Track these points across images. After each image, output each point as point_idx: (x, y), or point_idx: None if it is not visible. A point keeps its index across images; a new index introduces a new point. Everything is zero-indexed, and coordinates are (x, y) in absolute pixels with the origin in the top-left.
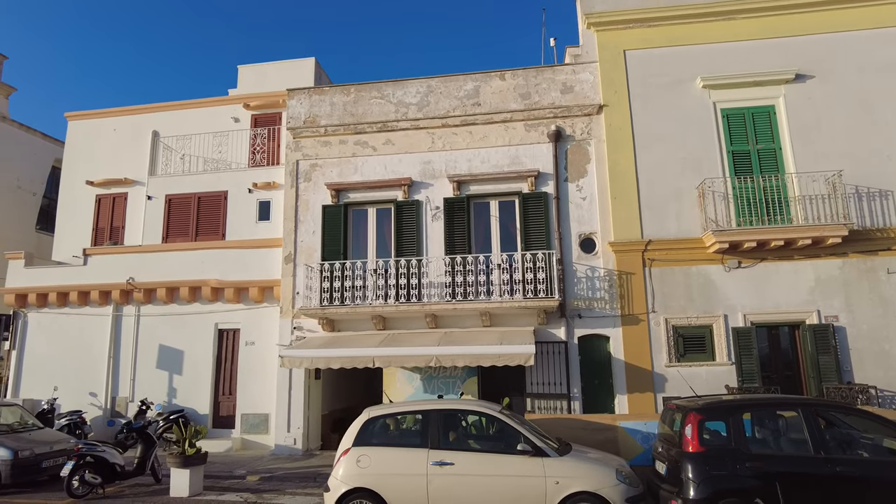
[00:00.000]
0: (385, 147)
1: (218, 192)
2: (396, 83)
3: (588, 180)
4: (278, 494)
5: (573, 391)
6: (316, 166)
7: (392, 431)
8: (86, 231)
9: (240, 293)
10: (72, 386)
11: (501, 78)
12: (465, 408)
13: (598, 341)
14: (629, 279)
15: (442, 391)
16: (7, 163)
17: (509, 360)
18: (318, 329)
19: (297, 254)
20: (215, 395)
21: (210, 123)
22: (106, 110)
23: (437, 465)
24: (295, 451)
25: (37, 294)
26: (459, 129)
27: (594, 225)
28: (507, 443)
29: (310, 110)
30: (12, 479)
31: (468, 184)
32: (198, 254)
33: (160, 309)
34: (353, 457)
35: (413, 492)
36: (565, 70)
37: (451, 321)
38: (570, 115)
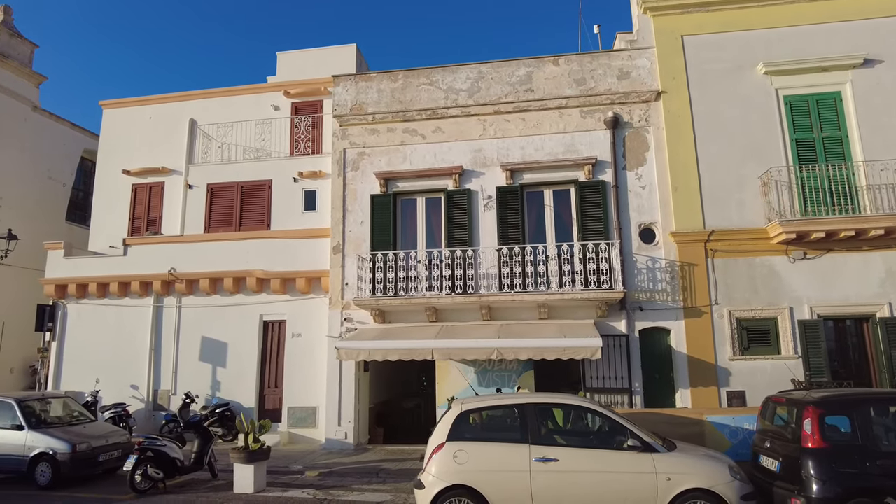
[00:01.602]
0: (434, 135)
1: (262, 181)
2: (446, 69)
3: (647, 168)
4: (345, 491)
5: (634, 385)
6: (363, 155)
7: (487, 426)
8: (122, 221)
9: (286, 284)
10: (112, 378)
11: (555, 63)
12: (565, 402)
13: (657, 334)
14: (691, 270)
15: (497, 385)
16: (38, 153)
17: (575, 353)
18: (369, 321)
19: (345, 244)
20: (260, 388)
21: (249, 111)
22: (141, 98)
23: (540, 461)
24: (346, 445)
25: (76, 285)
26: (512, 115)
27: (654, 214)
28: (611, 438)
29: (356, 97)
30: (71, 472)
31: (521, 172)
32: (242, 244)
33: (203, 300)
34: (449, 452)
35: (516, 489)
36: (621, 56)
37: (505, 313)
38: (628, 101)
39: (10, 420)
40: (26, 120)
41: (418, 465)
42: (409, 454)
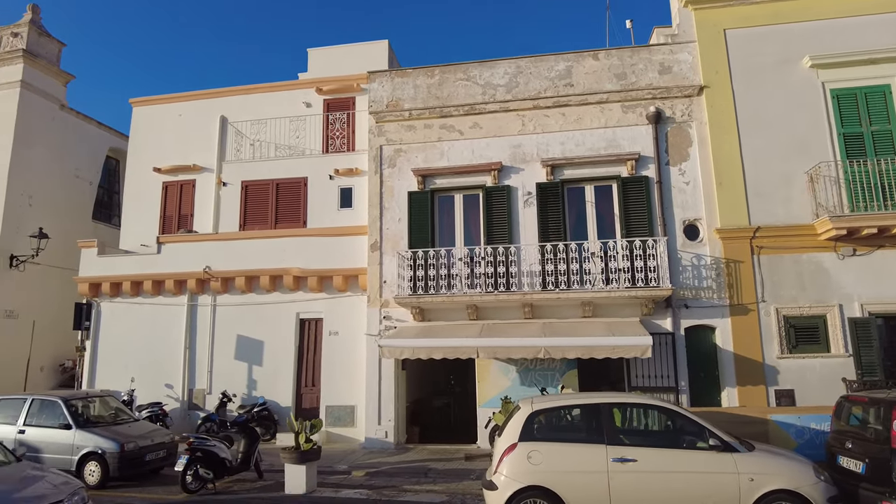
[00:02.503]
0: (472, 130)
1: (297, 179)
2: (483, 64)
3: (690, 164)
4: (399, 491)
5: (680, 384)
6: (400, 151)
7: (559, 426)
8: (152, 219)
9: (322, 282)
10: (147, 377)
11: (595, 58)
12: (640, 402)
13: (702, 332)
14: (737, 267)
15: (540, 384)
16: (65, 152)
17: (625, 352)
18: (408, 318)
19: (382, 242)
20: (297, 387)
21: (280, 108)
22: (171, 95)
23: (618, 461)
24: (386, 444)
25: (110, 283)
26: (552, 110)
27: (699, 211)
28: (689, 438)
29: (392, 93)
30: (119, 472)
31: (562, 168)
32: (278, 242)
33: (238, 298)
34: (523, 453)
35: (594, 490)
36: (662, 50)
37: (547, 311)
38: (670, 96)
39: (57, 419)
40: (54, 119)
41: (465, 466)
42: (452, 454)
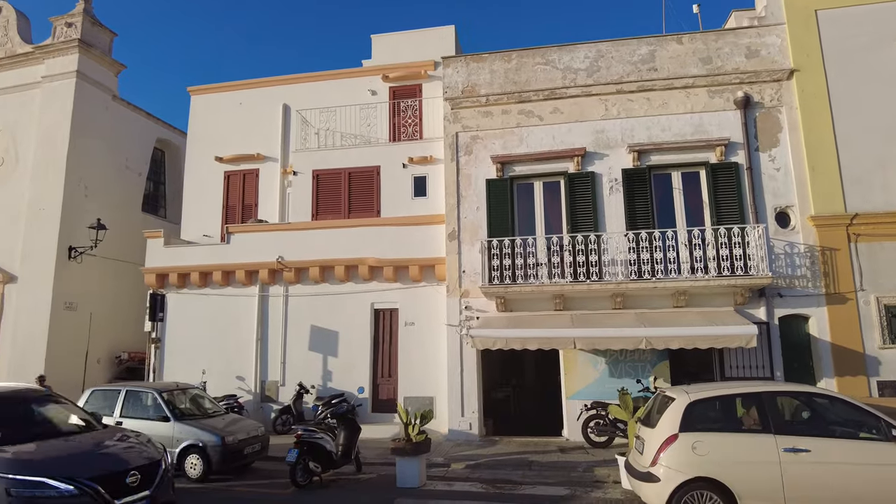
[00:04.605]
0: (552, 116)
1: (369, 168)
2: (562, 48)
3: (781, 150)
4: (515, 485)
5: (776, 374)
6: (477, 138)
7: (719, 416)
8: (213, 209)
9: (398, 272)
10: (216, 369)
11: (678, 42)
12: (805, 390)
13: (796, 322)
14: (833, 255)
15: (630, 375)
16: (116, 142)
17: (729, 342)
18: (489, 308)
19: (460, 231)
20: (374, 378)
21: (344, 96)
22: (230, 84)
23: (789, 451)
24: (471, 436)
25: (178, 274)
26: (636, 95)
27: (790, 198)
28: (863, 428)
29: (467, 79)
30: (221, 465)
31: (648, 153)
32: (352, 231)
33: (310, 288)
34: (686, 443)
35: (765, 481)
36: (749, 33)
37: (637, 301)
38: (758, 80)
39: (154, 411)
40: (107, 109)
41: (564, 458)
42: (543, 446)
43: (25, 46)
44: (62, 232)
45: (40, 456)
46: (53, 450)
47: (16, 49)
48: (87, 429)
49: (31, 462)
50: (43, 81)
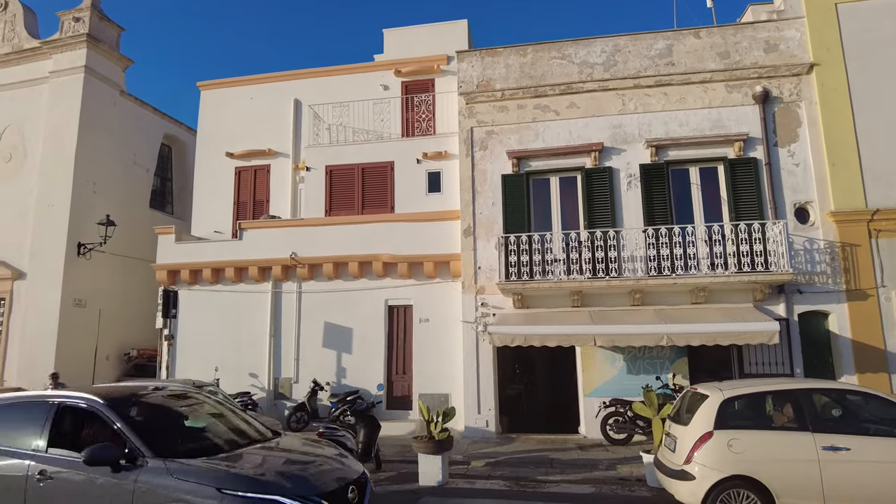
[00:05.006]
0: (569, 111)
1: (383, 163)
2: (578, 42)
3: (800, 145)
4: (538, 483)
5: (796, 371)
6: (492, 133)
7: (754, 413)
8: (224, 205)
9: (412, 268)
10: (229, 366)
11: (696, 36)
12: (842, 387)
13: (815, 318)
14: (853, 251)
15: (648, 372)
16: (124, 138)
17: (750, 338)
18: (505, 305)
19: (475, 227)
20: (388, 375)
21: (356, 91)
22: (240, 78)
23: (828, 450)
24: (488, 433)
25: (190, 270)
26: (653, 89)
27: (810, 193)
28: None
29: (482, 73)
30: None
31: (666, 149)
32: (366, 227)
33: (324, 285)
34: (721, 441)
35: (804, 480)
36: (768, 27)
37: (656, 297)
38: (777, 75)
39: None
40: (115, 104)
41: (584, 456)
42: (561, 444)
43: (32, 41)
44: (71, 228)
45: (263, 470)
46: (270, 462)
47: (23, 44)
48: (266, 435)
49: (262, 479)
50: (50, 77)
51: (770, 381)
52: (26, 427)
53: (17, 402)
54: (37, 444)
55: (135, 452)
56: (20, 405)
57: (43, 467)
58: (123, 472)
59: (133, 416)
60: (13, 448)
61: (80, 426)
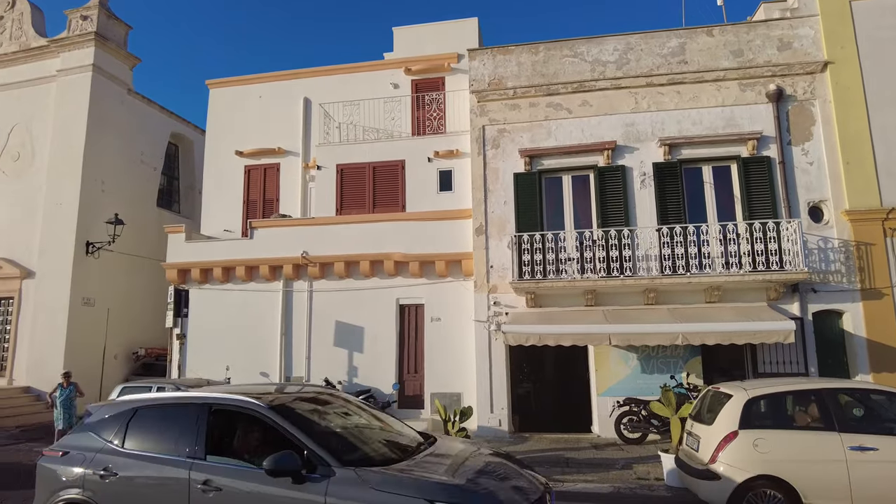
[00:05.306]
0: (581, 109)
1: (394, 162)
2: (590, 40)
3: (814, 144)
4: (554, 482)
5: (811, 370)
6: (504, 132)
7: (779, 413)
8: (233, 204)
9: (423, 267)
10: (239, 365)
11: (709, 34)
12: (867, 387)
13: (829, 317)
14: (868, 250)
15: (662, 371)
16: (132, 137)
17: (766, 337)
18: (518, 304)
19: (488, 226)
20: (400, 374)
21: (366, 90)
22: (249, 77)
23: (856, 450)
24: (501, 433)
25: (200, 269)
26: (666, 88)
27: (824, 192)
28: None
29: (494, 71)
30: None
31: (679, 147)
32: (377, 226)
33: (335, 284)
34: (747, 441)
35: (831, 480)
36: (781, 25)
37: (670, 297)
38: (791, 73)
39: None
40: (123, 103)
41: (599, 455)
42: (575, 443)
43: (40, 40)
44: (79, 227)
45: (466, 479)
46: (463, 470)
47: (30, 42)
48: (417, 438)
49: (474, 489)
50: (58, 75)
51: (793, 380)
52: (178, 431)
53: (165, 403)
54: (193, 451)
55: (315, 461)
56: (170, 407)
57: (207, 477)
58: (308, 484)
59: (302, 420)
60: (166, 455)
61: (237, 431)
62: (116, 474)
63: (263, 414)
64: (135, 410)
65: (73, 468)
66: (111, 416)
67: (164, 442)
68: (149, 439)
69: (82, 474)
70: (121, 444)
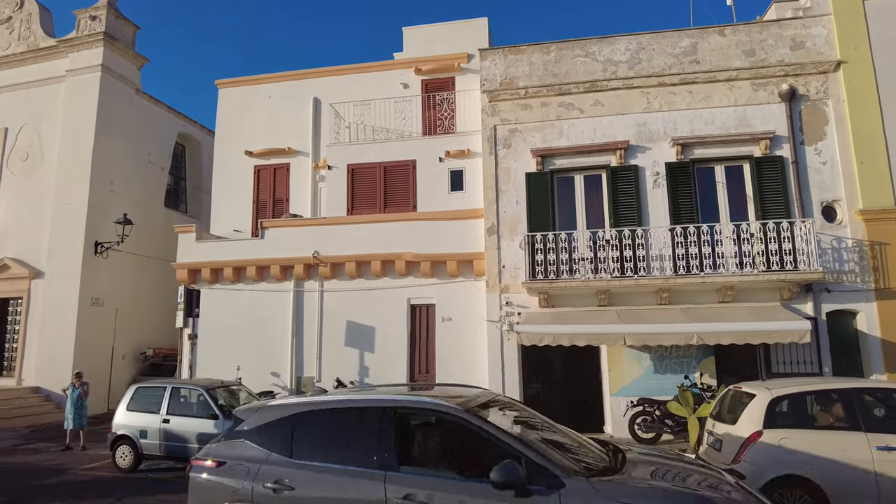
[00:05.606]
0: (593, 108)
1: (405, 162)
2: (602, 40)
3: (827, 143)
4: None
5: (825, 370)
6: (515, 131)
7: (804, 412)
8: (243, 204)
9: (435, 267)
10: (250, 365)
11: (721, 34)
12: (891, 387)
13: (843, 317)
14: (882, 250)
15: (675, 371)
16: (140, 137)
17: (781, 337)
18: (530, 304)
19: (499, 225)
20: (411, 374)
21: (375, 90)
22: (259, 77)
23: (883, 449)
24: None
25: (210, 269)
26: (678, 87)
27: (837, 192)
28: None
29: (505, 71)
30: None
31: (692, 147)
32: (388, 226)
33: (346, 284)
34: (771, 440)
35: (857, 480)
36: (794, 24)
37: (683, 297)
38: (803, 72)
39: (202, 409)
40: (131, 103)
41: None
42: None
43: (48, 40)
44: (88, 227)
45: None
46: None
47: (38, 43)
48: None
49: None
50: (67, 75)
51: (815, 380)
52: (359, 439)
53: (336, 408)
54: (383, 460)
55: (534, 471)
56: (343, 412)
57: (407, 490)
58: (536, 497)
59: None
60: (351, 466)
61: (416, 437)
62: (293, 488)
63: (464, 419)
64: (299, 416)
65: (236, 480)
66: (269, 422)
67: (344, 451)
68: (323, 448)
69: (250, 488)
70: (289, 454)
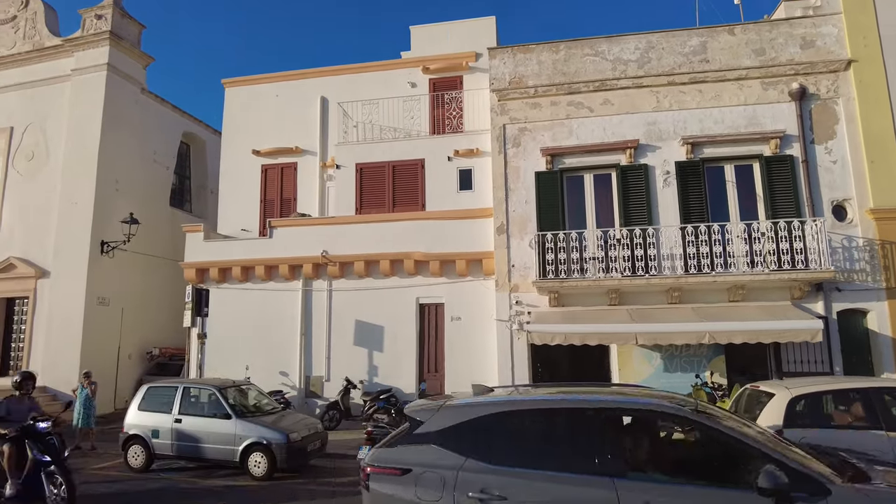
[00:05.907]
0: (603, 107)
1: (414, 161)
2: (611, 39)
3: (837, 142)
4: None
5: (835, 370)
6: (524, 130)
7: (823, 412)
8: (250, 203)
9: (444, 266)
10: (259, 364)
11: (730, 33)
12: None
13: (853, 316)
14: (893, 249)
15: (685, 370)
16: (145, 136)
17: (794, 336)
18: (540, 303)
19: (509, 225)
20: (420, 374)
21: (384, 89)
22: (266, 76)
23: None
24: None
25: (218, 268)
26: (688, 87)
27: (848, 191)
28: None
29: (514, 70)
30: (287, 463)
31: (702, 146)
32: (397, 225)
33: (355, 283)
34: (792, 440)
35: None
36: (804, 23)
37: (693, 296)
38: (814, 71)
39: (214, 409)
40: (136, 102)
41: None
42: None
43: (54, 39)
44: (94, 226)
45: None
46: None
47: (44, 42)
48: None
49: None
50: (72, 74)
51: (833, 379)
52: (572, 443)
53: (537, 409)
54: (607, 466)
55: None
56: (546, 413)
57: (646, 498)
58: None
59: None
60: (570, 473)
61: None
62: (504, 498)
63: (696, 421)
64: (496, 417)
65: (429, 491)
66: (460, 423)
67: (555, 456)
68: (529, 453)
69: (451, 499)
70: (488, 460)
